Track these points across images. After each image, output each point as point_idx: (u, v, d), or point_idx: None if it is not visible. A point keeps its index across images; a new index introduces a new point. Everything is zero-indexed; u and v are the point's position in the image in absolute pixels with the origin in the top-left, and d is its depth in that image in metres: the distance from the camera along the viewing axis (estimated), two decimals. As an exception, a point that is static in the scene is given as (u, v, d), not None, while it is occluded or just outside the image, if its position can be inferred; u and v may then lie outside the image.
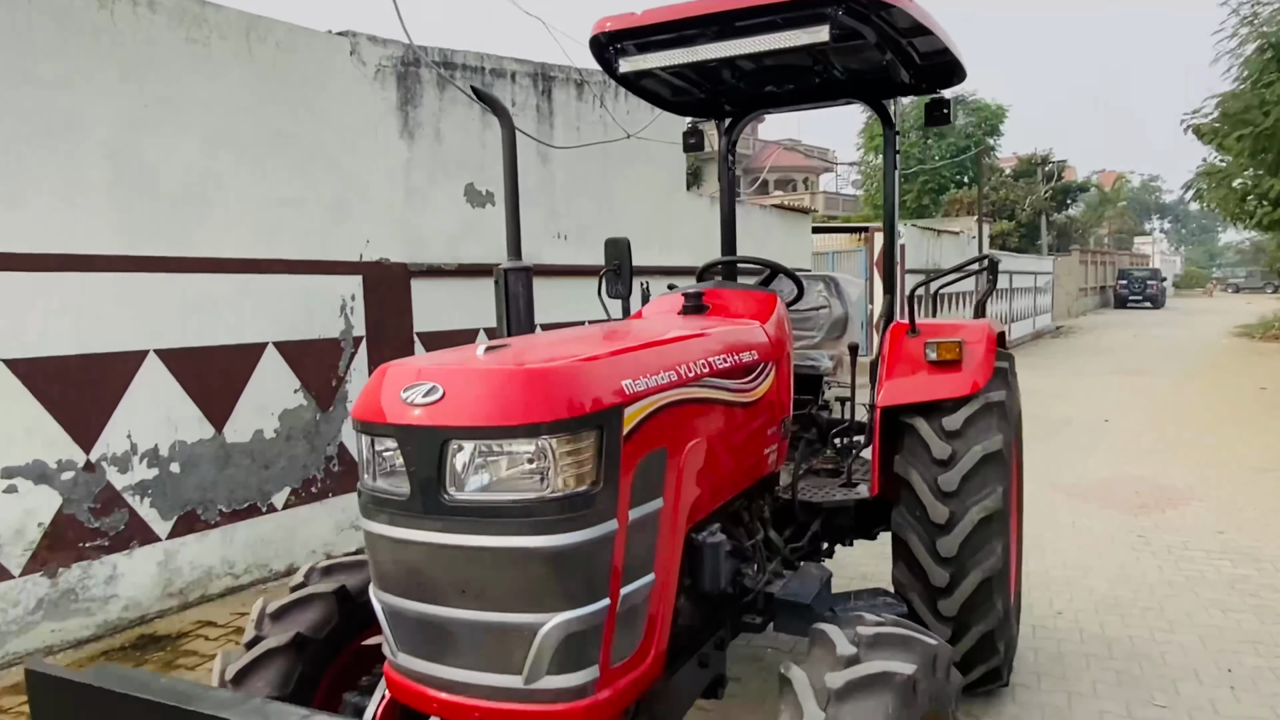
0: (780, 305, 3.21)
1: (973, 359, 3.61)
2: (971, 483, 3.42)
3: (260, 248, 5.57)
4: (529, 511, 1.83)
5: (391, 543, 1.94)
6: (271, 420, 5.68)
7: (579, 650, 1.89)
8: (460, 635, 1.90)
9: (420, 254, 6.68)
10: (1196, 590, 5.20)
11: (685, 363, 2.33)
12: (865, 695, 1.85)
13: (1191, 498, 7.37)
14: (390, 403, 1.92)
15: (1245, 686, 3.95)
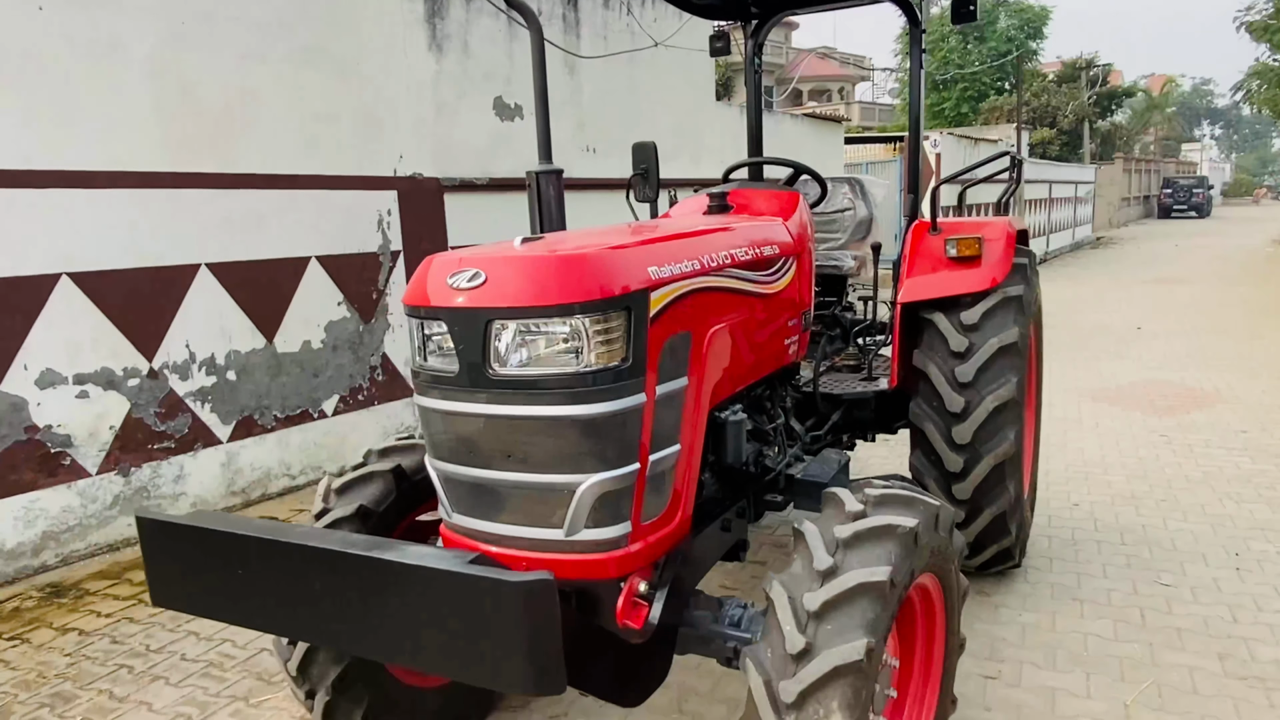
0: (803, 204, 3.32)
1: (992, 255, 3.71)
2: (987, 373, 3.57)
3: (299, 163, 5.74)
4: (565, 384, 2.02)
5: (444, 415, 2.16)
6: (318, 332, 5.95)
7: (613, 507, 2.11)
8: (507, 495, 2.13)
9: (451, 169, 6.81)
10: (1212, 484, 5.34)
11: (708, 253, 2.48)
12: (871, 544, 2.05)
13: (1217, 400, 7.43)
14: (438, 289, 2.10)
15: (1250, 568, 4.13)
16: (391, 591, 1.63)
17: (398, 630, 1.63)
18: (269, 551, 1.79)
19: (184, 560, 1.91)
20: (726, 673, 3.31)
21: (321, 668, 2.63)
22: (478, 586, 1.54)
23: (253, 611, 1.84)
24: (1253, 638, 3.47)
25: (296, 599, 1.76)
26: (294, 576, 1.76)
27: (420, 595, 1.60)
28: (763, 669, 1.95)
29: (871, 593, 1.95)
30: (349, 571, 1.68)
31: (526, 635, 1.49)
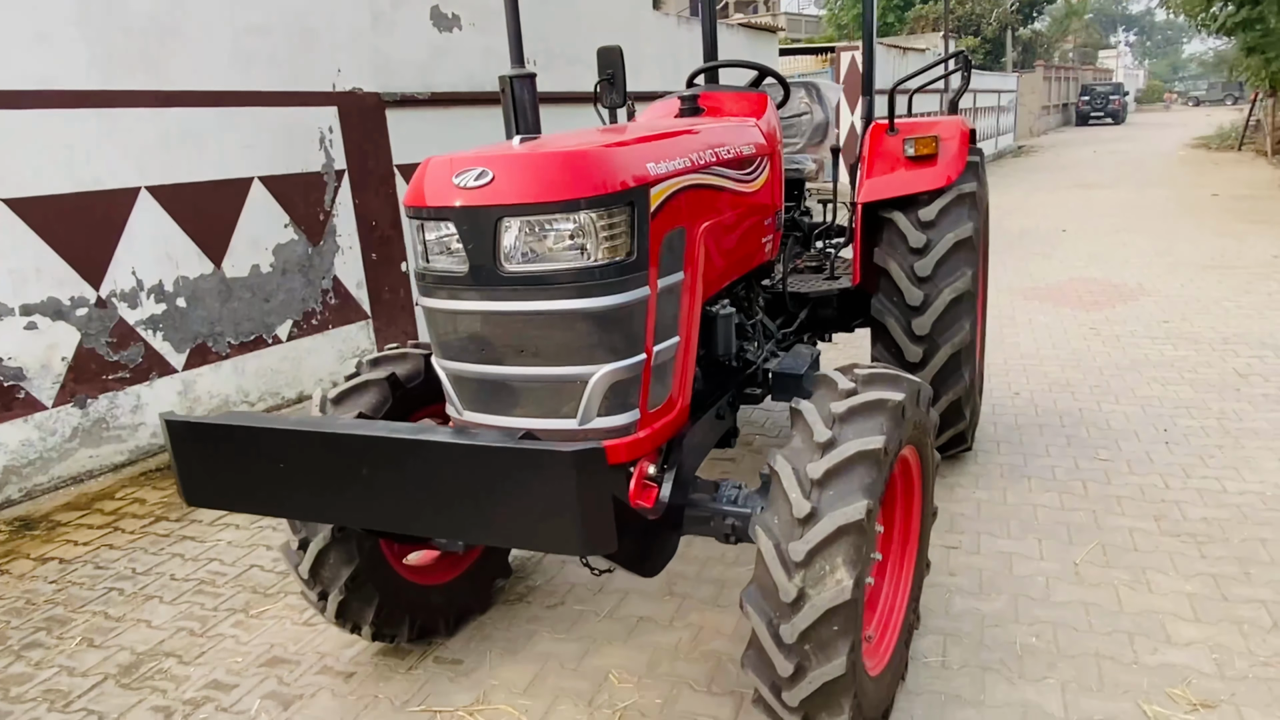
0: (771, 106, 3.39)
1: (947, 153, 3.85)
2: (944, 267, 3.75)
3: (234, 79, 5.51)
4: (575, 279, 2.09)
5: (453, 315, 2.21)
6: (266, 255, 5.81)
7: (622, 396, 2.21)
8: (521, 389, 2.21)
9: (391, 83, 6.61)
10: (1140, 370, 5.72)
11: (697, 151, 2.54)
12: (864, 417, 2.21)
13: (1140, 294, 7.87)
14: (442, 189, 2.13)
15: (1178, 442, 4.49)
16: (447, 471, 1.71)
17: (454, 507, 1.72)
18: (312, 443, 1.85)
19: (217, 459, 1.95)
20: (711, 557, 3.53)
21: (333, 569, 2.72)
22: (534, 459, 1.63)
23: (296, 502, 1.90)
24: (1183, 500, 3.81)
25: (343, 486, 1.82)
26: (340, 465, 1.82)
27: (476, 472, 1.68)
28: (772, 534, 2.10)
29: (868, 460, 2.11)
30: (401, 455, 1.75)
31: (582, 500, 1.59)
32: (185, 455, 1.96)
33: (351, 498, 1.82)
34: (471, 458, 1.68)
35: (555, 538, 1.67)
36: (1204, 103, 68.74)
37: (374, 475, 1.77)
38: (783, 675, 2.08)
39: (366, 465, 1.77)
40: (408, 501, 1.77)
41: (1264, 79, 20.08)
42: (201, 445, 1.94)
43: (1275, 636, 2.82)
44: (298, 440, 1.86)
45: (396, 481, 1.76)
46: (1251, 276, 8.28)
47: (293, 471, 1.86)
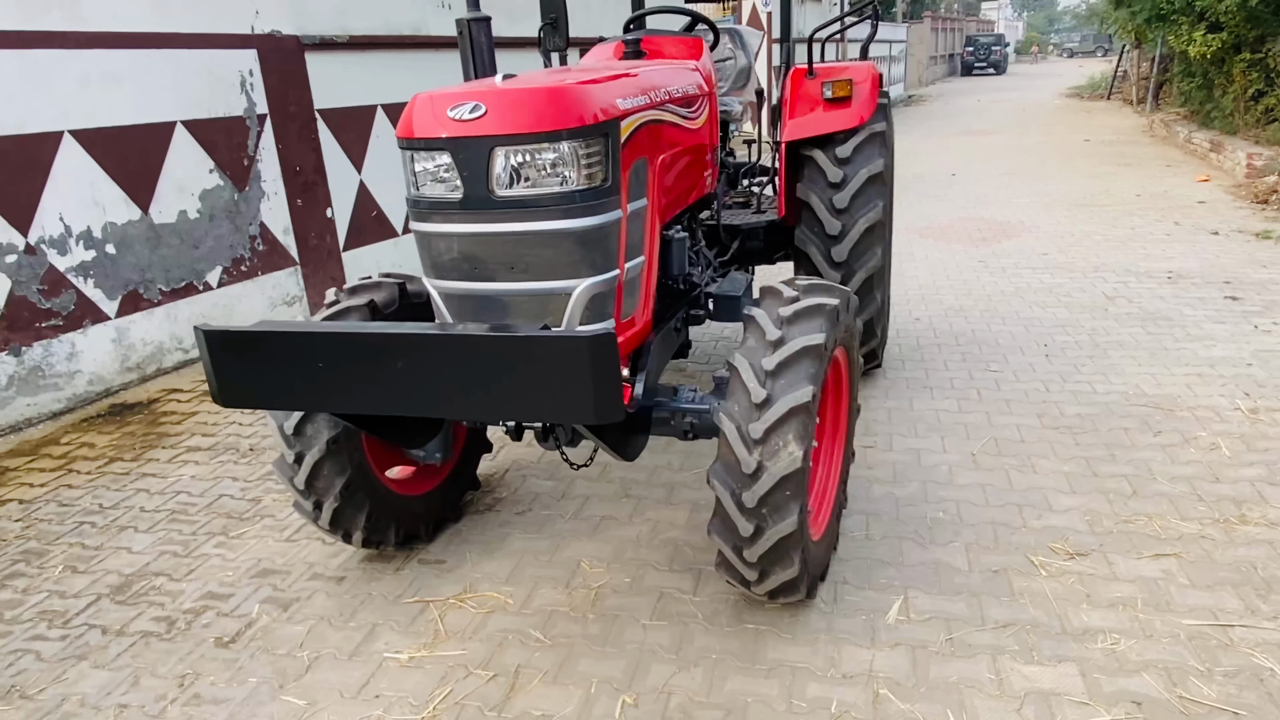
0: (707, 50, 3.69)
1: (860, 95, 4.24)
2: (859, 199, 4.16)
3: (151, 20, 5.42)
4: (560, 201, 2.37)
5: (447, 238, 2.46)
6: (193, 201, 5.79)
7: (600, 306, 2.52)
8: (511, 303, 2.48)
9: (308, 25, 6.57)
10: (1023, 296, 6.37)
11: (654, 89, 2.84)
12: (807, 319, 2.59)
13: (1023, 230, 8.60)
14: (437, 121, 2.36)
15: (1056, 354, 5.10)
16: (477, 359, 1.98)
17: (484, 389, 2.00)
18: (351, 342, 2.08)
19: (254, 363, 2.16)
20: (659, 466, 3.91)
21: (327, 479, 2.96)
22: (559, 343, 1.92)
23: (335, 396, 2.13)
24: (1060, 401, 4.40)
25: (379, 379, 2.07)
26: (376, 360, 2.06)
27: (507, 357, 1.96)
28: (733, 418, 2.47)
29: (812, 353, 2.50)
30: (435, 348, 2.01)
31: (598, 375, 1.89)
32: (222, 361, 2.16)
33: (386, 389, 2.07)
34: (504, 345, 1.96)
35: (574, 409, 1.97)
36: (1077, 54, 72.18)
37: (410, 367, 2.02)
38: (744, 536, 2.47)
39: (402, 358, 2.03)
40: (442, 388, 2.04)
41: (1130, 31, 21.42)
42: (239, 352, 2.15)
43: (1135, 501, 3.40)
44: (337, 341, 2.09)
45: (431, 371, 2.02)
46: (1118, 213, 9.13)
47: (330, 369, 2.09)
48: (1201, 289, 6.25)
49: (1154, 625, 2.66)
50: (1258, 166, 10.05)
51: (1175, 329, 5.39)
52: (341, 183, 6.99)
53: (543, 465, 4.03)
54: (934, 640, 2.66)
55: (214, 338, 2.14)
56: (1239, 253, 7.24)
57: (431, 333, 2.03)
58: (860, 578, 3.00)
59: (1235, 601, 2.76)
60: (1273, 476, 3.52)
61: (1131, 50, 24.81)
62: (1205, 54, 12.14)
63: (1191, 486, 3.48)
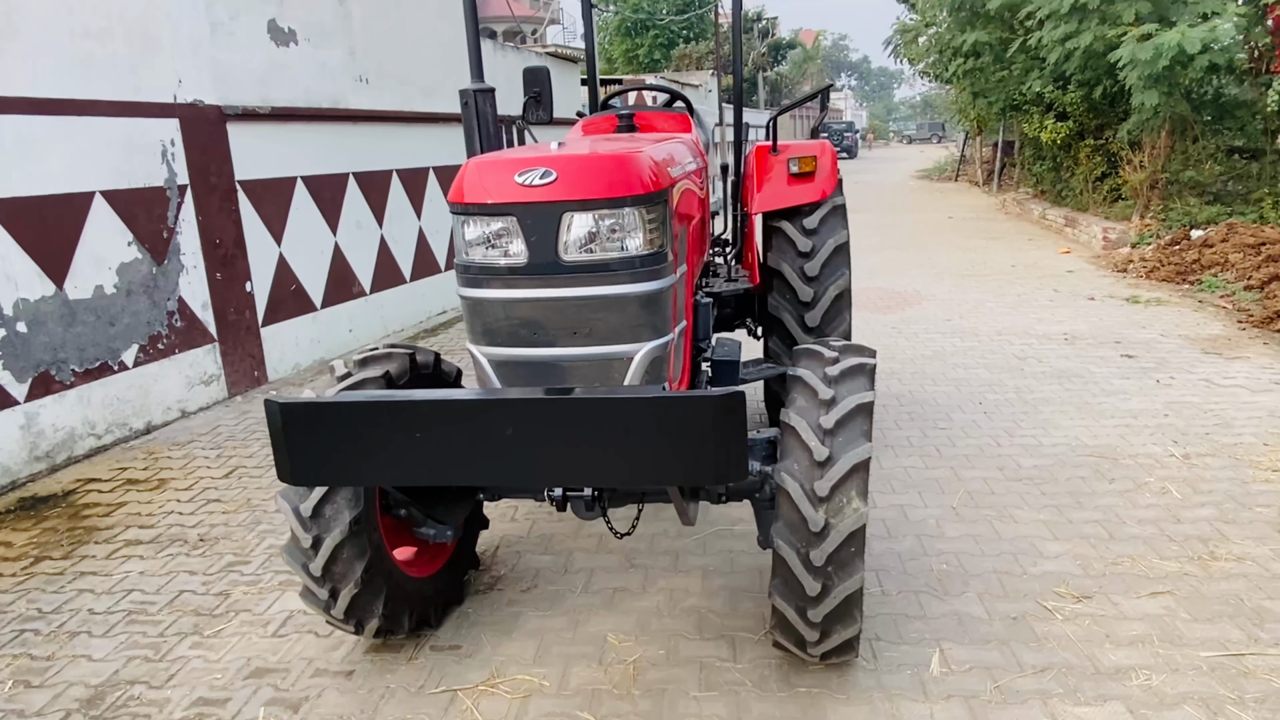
0: (694, 124, 3.82)
1: (823, 171, 4.47)
2: (828, 268, 4.35)
3: (73, 86, 5.12)
4: (626, 266, 2.37)
5: (507, 303, 2.40)
6: (110, 275, 5.40)
7: (658, 369, 2.52)
8: (571, 368, 2.44)
9: (230, 96, 6.36)
10: (942, 359, 6.76)
11: (684, 160, 2.91)
12: (853, 377, 2.67)
13: (921, 299, 9.16)
14: (504, 187, 2.33)
15: (993, 412, 5.42)
16: (596, 422, 1.92)
17: (602, 454, 1.93)
18: (451, 411, 1.97)
19: (337, 436, 2.01)
20: (656, 533, 3.87)
21: (346, 564, 2.76)
22: (689, 403, 1.89)
23: (430, 468, 2.00)
24: (1014, 454, 4.67)
25: (484, 447, 1.96)
26: (483, 429, 1.96)
27: (627, 419, 1.90)
28: (795, 476, 2.49)
29: (866, 410, 2.57)
30: (550, 412, 1.93)
31: (728, 434, 1.87)
32: (296, 436, 2.00)
33: (491, 457, 1.96)
34: (629, 406, 1.91)
35: (699, 469, 1.93)
36: (915, 140, 78.65)
37: (520, 433, 1.94)
38: (810, 595, 2.47)
39: (513, 424, 1.94)
40: (554, 454, 1.96)
41: (971, 120, 23.56)
42: (317, 424, 2.00)
43: (1114, 545, 3.62)
44: (437, 409, 1.98)
45: (543, 436, 1.94)
46: (1001, 282, 9.89)
47: (429, 439, 1.97)
48: (1098, 349, 6.82)
49: (1176, 659, 2.82)
50: (1112, 239, 11.17)
51: (1090, 385, 5.85)
52: (261, 256, 6.70)
53: (534, 538, 3.90)
54: (983, 689, 2.71)
55: (291, 411, 1.99)
56: (1117, 315, 7.97)
57: (548, 396, 1.96)
58: (891, 633, 3.04)
59: (1237, 632, 2.97)
60: (1225, 515, 3.84)
61: (973, 137, 27.28)
62: (1055, 140, 13.50)
63: (1159, 528, 3.75)
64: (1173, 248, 10.10)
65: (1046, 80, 13.12)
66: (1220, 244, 9.55)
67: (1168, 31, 9.74)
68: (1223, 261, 9.20)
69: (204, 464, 5.06)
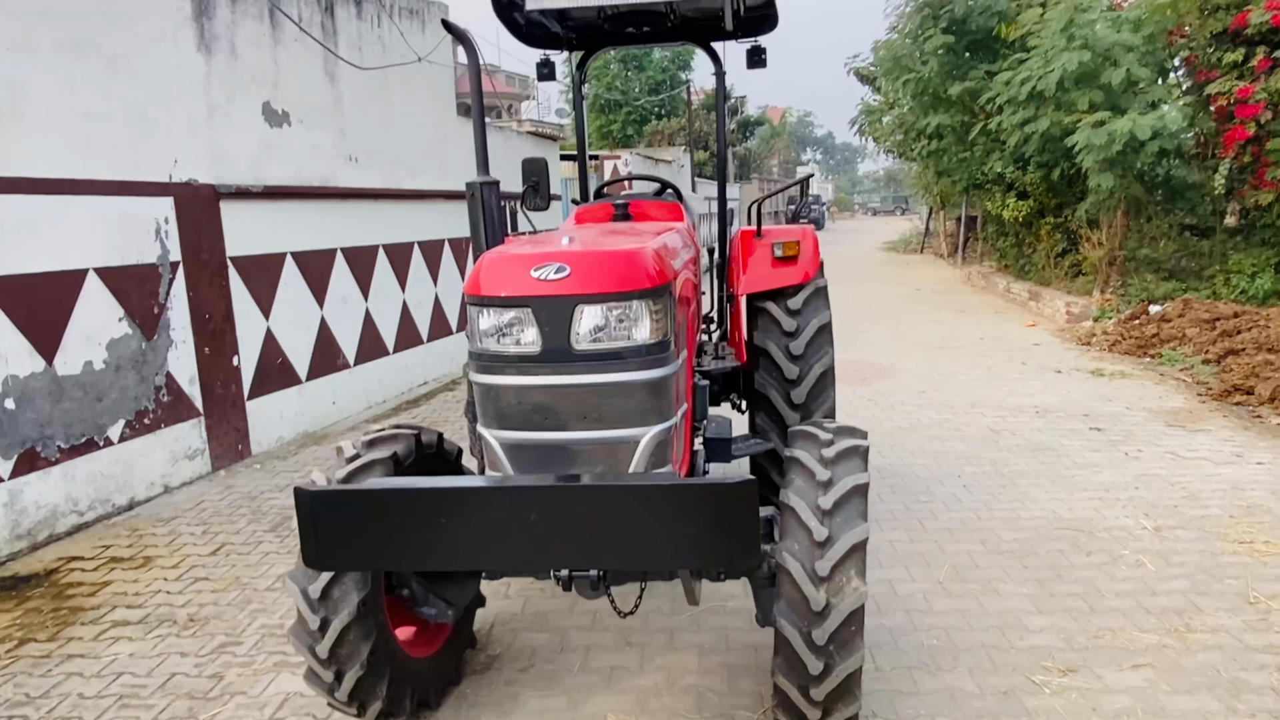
0: (685, 212, 4.01)
1: (805, 254, 4.68)
2: (812, 346, 4.51)
3: (73, 166, 5.23)
4: (635, 354, 2.50)
5: (521, 389, 2.51)
6: (100, 351, 5.43)
7: (663, 452, 2.63)
8: (578, 451, 2.54)
9: (225, 175, 6.50)
10: (920, 431, 6.93)
11: (683, 251, 3.07)
12: (848, 459, 2.79)
13: (895, 371, 9.39)
14: (520, 280, 2.46)
15: (972, 485, 5.56)
16: (619, 510, 2.01)
17: (621, 540, 2.01)
18: (476, 498, 2.05)
19: (362, 523, 2.07)
20: (651, 610, 3.91)
21: (353, 646, 2.79)
22: (702, 492, 1.99)
23: (453, 553, 2.06)
24: (994, 528, 4.80)
25: (507, 534, 2.04)
26: (507, 515, 2.04)
27: (648, 508, 1.99)
28: (796, 556, 2.59)
29: (862, 491, 2.68)
30: (573, 499, 2.02)
31: (742, 521, 1.97)
32: (323, 523, 2.06)
33: (513, 543, 2.04)
34: (647, 496, 2.01)
35: (716, 555, 2.02)
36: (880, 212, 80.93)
37: (543, 520, 2.02)
38: (813, 674, 2.54)
39: (536, 511, 2.02)
40: (575, 540, 2.04)
41: (935, 195, 24.37)
42: (344, 511, 2.07)
43: (1095, 618, 3.74)
44: (463, 496, 2.06)
45: (565, 523, 2.02)
46: (971, 354, 10.18)
47: (454, 526, 2.05)
48: (1067, 421, 7.04)
49: (1162, 732, 2.92)
50: (1075, 313, 11.57)
51: (1062, 458, 6.03)
52: (249, 330, 6.76)
53: (529, 616, 3.93)
54: (979, 765, 2.78)
55: (322, 499, 2.06)
56: (1084, 388, 8.23)
57: (573, 485, 2.06)
58: (887, 710, 3.11)
59: (1216, 704, 3.07)
60: (1197, 587, 3.98)
61: (937, 211, 28.18)
62: (1017, 217, 14.05)
63: (1136, 601, 3.87)
64: (1133, 322, 10.48)
65: (1007, 161, 13.72)
66: (1178, 319, 9.94)
67: (1120, 119, 10.30)
68: (1180, 336, 9.57)
69: (190, 541, 5.03)
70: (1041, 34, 11.55)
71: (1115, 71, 10.71)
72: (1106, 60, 10.92)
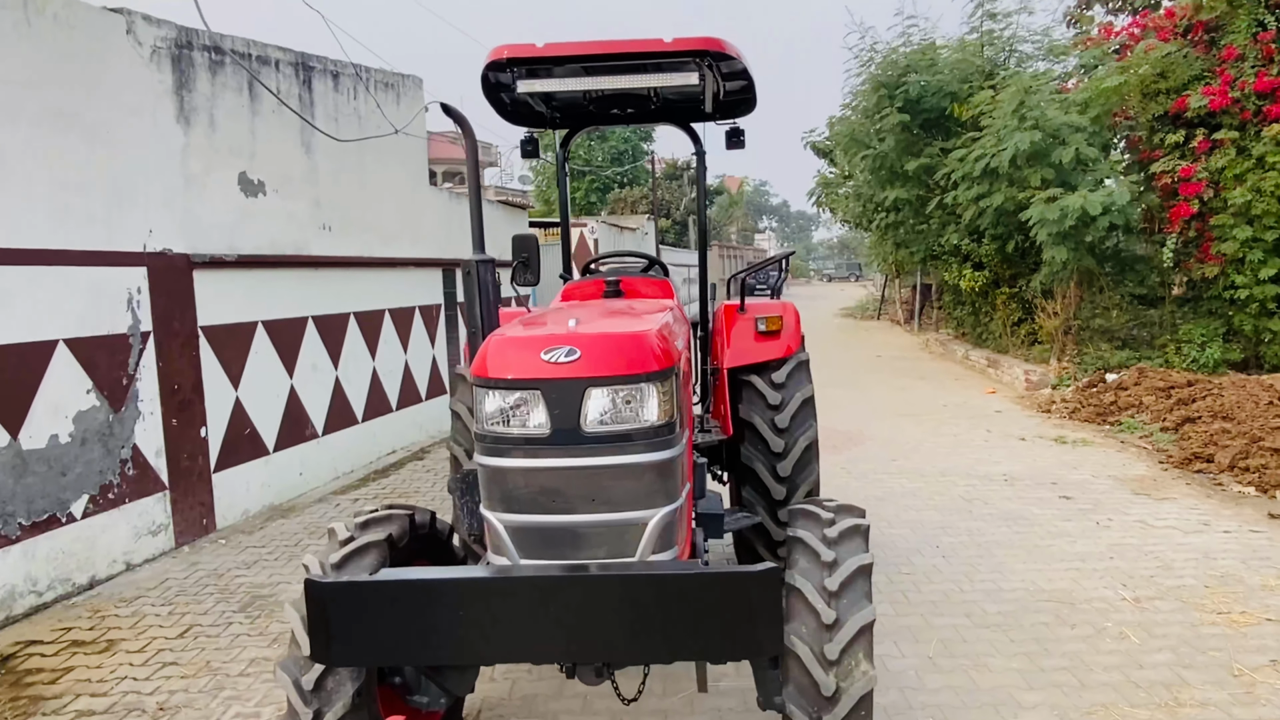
0: (674, 289, 4.07)
1: (788, 329, 4.77)
2: (796, 419, 4.56)
3: (50, 236, 5.16)
4: (643, 436, 2.51)
5: (528, 472, 2.49)
6: (66, 424, 5.27)
7: (669, 535, 2.61)
8: (585, 534, 2.52)
9: (199, 244, 6.45)
10: (894, 500, 6.98)
11: (684, 331, 3.11)
12: (850, 539, 2.80)
13: (864, 439, 9.50)
14: (529, 363, 2.47)
15: (950, 555, 5.60)
16: (648, 599, 1.98)
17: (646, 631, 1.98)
18: (496, 589, 2.01)
19: (376, 616, 2.01)
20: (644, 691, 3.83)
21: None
22: (727, 581, 1.97)
23: (473, 646, 2.01)
24: (977, 600, 4.82)
25: (529, 625, 1.99)
26: (528, 606, 2.00)
27: (680, 597, 1.97)
28: (804, 639, 2.57)
29: (866, 572, 2.70)
30: (597, 591, 1.98)
31: (769, 609, 1.96)
32: (335, 616, 2.00)
33: (535, 634, 2.00)
34: (680, 585, 1.99)
35: (739, 645, 2.00)
36: (835, 279, 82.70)
37: (566, 611, 1.98)
38: (823, 760, 2.51)
39: (558, 602, 1.99)
40: (596, 631, 2.00)
41: (890, 264, 25.00)
42: (357, 604, 2.01)
43: (1086, 693, 3.75)
44: (482, 588, 2.02)
45: (589, 614, 1.99)
46: (936, 421, 10.34)
47: (474, 617, 2.00)
48: (1036, 490, 7.15)
49: (1164, 811, 2.91)
50: (1034, 381, 11.85)
51: (1035, 528, 6.11)
52: (218, 400, 6.63)
53: (517, 700, 3.83)
54: None
55: (334, 592, 2.01)
56: (1048, 456, 8.39)
57: (596, 575, 2.03)
58: (890, 793, 3.06)
59: (1214, 780, 3.09)
60: (1182, 660, 4.02)
61: (893, 279, 28.88)
62: (974, 287, 14.46)
63: (1124, 674, 3.90)
64: (1090, 390, 10.76)
65: (963, 234, 14.18)
66: (1134, 387, 10.24)
67: (1072, 195, 10.75)
68: (1138, 404, 9.85)
69: (155, 622, 4.83)
70: (994, 114, 12.08)
71: (1065, 150, 11.21)
72: (1055, 140, 11.44)
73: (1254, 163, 10.24)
